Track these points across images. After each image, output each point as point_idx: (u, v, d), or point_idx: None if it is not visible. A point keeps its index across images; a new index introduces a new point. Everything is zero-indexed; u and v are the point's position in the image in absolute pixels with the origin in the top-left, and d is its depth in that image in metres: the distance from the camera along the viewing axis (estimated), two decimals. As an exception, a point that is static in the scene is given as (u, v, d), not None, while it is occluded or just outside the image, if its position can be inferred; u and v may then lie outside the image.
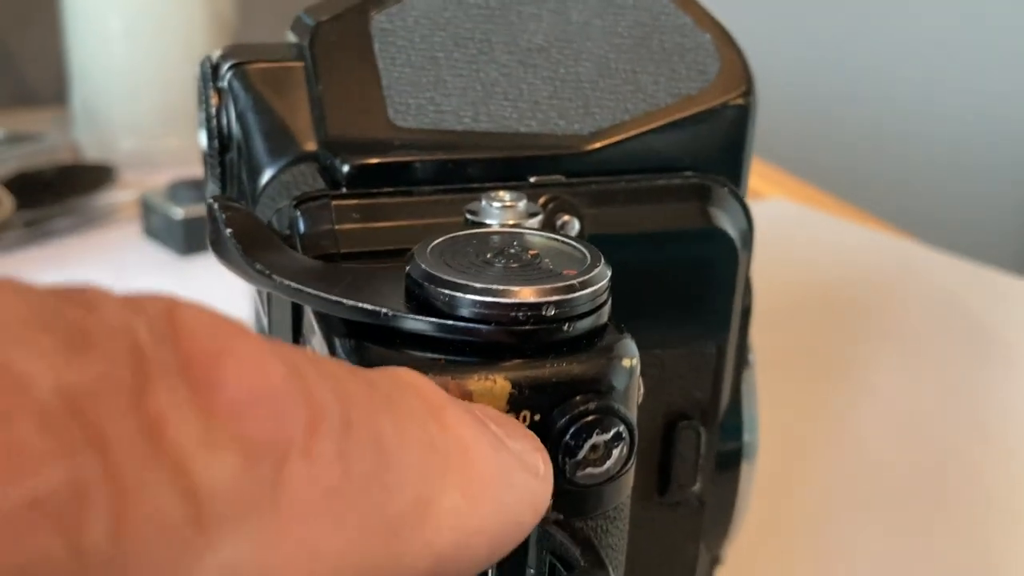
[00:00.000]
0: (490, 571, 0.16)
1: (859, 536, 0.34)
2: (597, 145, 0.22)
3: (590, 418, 0.15)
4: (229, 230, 0.18)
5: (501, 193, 0.19)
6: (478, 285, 0.16)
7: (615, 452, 0.16)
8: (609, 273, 0.17)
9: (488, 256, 0.17)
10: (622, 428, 0.16)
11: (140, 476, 0.09)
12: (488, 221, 0.19)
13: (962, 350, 0.48)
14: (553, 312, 0.16)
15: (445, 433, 0.13)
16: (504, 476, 0.13)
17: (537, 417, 0.15)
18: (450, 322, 0.16)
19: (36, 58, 0.76)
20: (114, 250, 0.52)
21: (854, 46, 1.11)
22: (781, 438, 0.36)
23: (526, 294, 0.16)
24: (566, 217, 0.21)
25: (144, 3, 0.63)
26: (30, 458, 0.09)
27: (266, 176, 0.22)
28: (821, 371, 0.45)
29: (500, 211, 0.19)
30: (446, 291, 0.16)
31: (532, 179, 0.22)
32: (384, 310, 0.16)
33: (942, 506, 0.36)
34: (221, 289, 0.48)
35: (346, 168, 0.21)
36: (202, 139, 0.24)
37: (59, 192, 0.54)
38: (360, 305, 0.16)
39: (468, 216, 0.19)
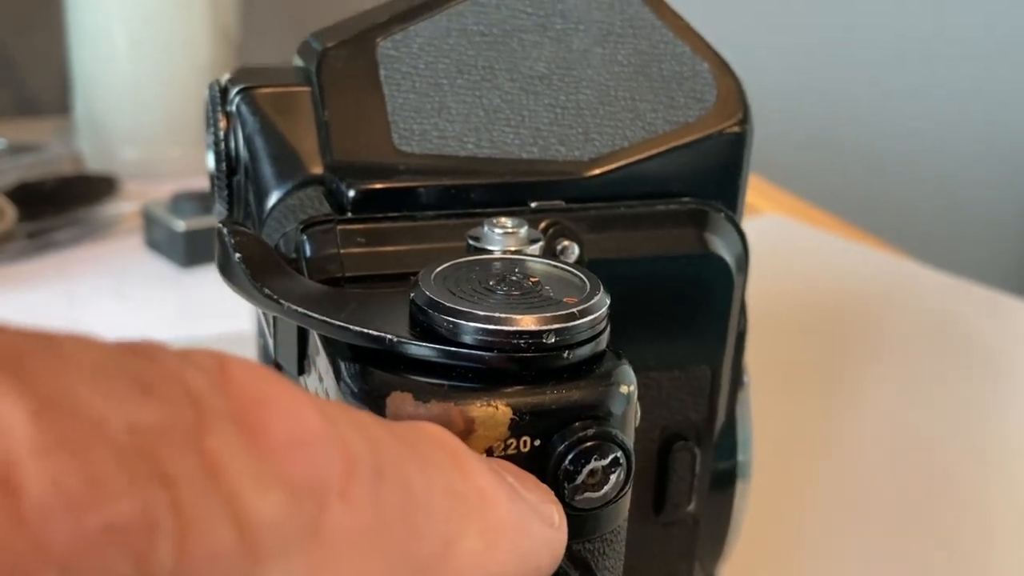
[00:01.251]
0: None
1: (852, 554, 0.35)
2: (597, 171, 0.23)
3: (589, 444, 0.16)
4: (238, 255, 0.18)
5: (503, 219, 0.20)
6: (481, 313, 0.16)
7: (612, 477, 0.16)
8: (608, 301, 0.17)
9: (490, 283, 0.17)
10: (620, 454, 0.16)
11: (201, 509, 0.10)
12: (490, 247, 0.19)
13: (955, 367, 0.48)
14: (554, 340, 0.16)
15: (466, 481, 0.14)
16: (521, 524, 0.14)
17: (537, 442, 0.16)
18: (453, 348, 0.16)
19: (38, 68, 0.77)
20: (116, 261, 0.53)
21: (849, 61, 1.11)
22: (773, 455, 0.37)
23: (527, 322, 0.16)
24: (566, 242, 0.22)
25: (148, 15, 0.63)
26: (107, 488, 0.10)
27: (272, 199, 0.22)
28: (813, 387, 0.46)
29: (502, 237, 0.19)
30: (449, 318, 0.16)
31: (533, 204, 0.22)
32: (389, 336, 0.16)
33: (936, 523, 0.37)
34: (221, 302, 0.48)
35: (352, 193, 0.21)
36: (210, 161, 0.24)
37: (61, 203, 0.54)
38: (366, 331, 0.16)
39: (470, 242, 0.20)
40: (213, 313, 0.48)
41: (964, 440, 0.42)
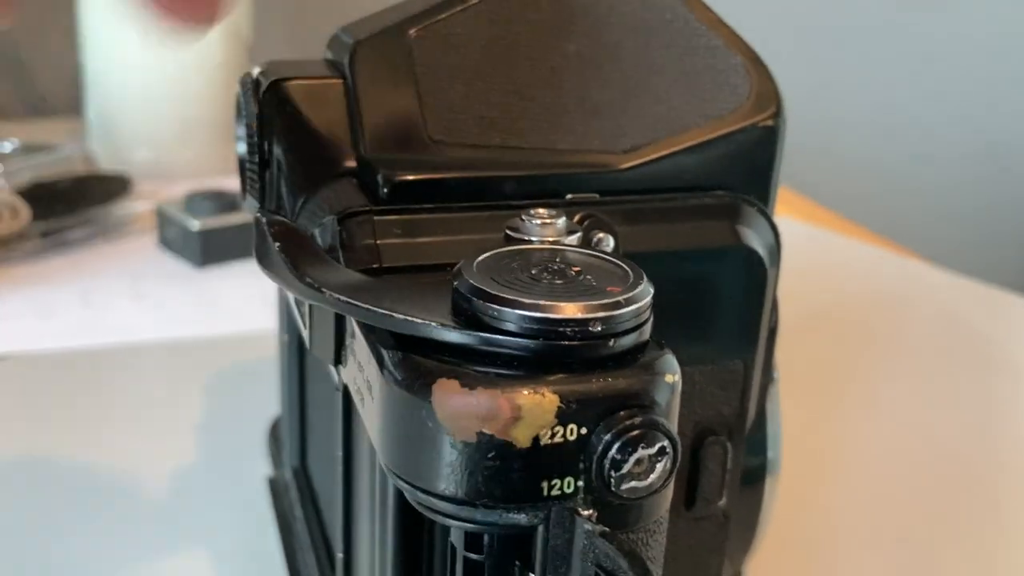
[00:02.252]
0: None
1: (873, 551, 0.35)
2: (630, 164, 0.23)
3: (635, 432, 0.16)
4: (277, 244, 0.18)
5: (540, 210, 0.20)
6: (527, 300, 0.16)
7: (659, 466, 0.16)
8: (652, 291, 0.17)
9: (533, 272, 0.17)
10: (666, 443, 0.16)
11: None
12: (528, 237, 0.19)
13: (968, 367, 0.48)
14: (600, 328, 0.16)
15: None
16: None
17: (584, 431, 0.16)
18: (500, 336, 0.16)
19: (50, 68, 0.77)
20: (130, 261, 0.53)
21: (860, 65, 1.11)
22: (791, 453, 0.37)
23: (573, 310, 0.16)
24: (601, 234, 0.22)
25: (160, 16, 0.63)
26: None
27: (307, 191, 0.22)
28: (827, 387, 0.45)
29: (540, 228, 0.19)
30: (495, 306, 0.16)
31: (568, 196, 0.22)
32: (435, 323, 0.16)
33: (956, 519, 0.37)
34: (236, 301, 0.48)
35: (387, 184, 0.21)
36: (241, 153, 0.24)
37: (75, 202, 0.54)
38: (410, 319, 0.16)
39: (508, 232, 0.19)
40: (229, 312, 0.48)
41: (980, 438, 0.42)
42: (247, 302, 0.48)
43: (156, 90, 0.64)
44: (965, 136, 1.15)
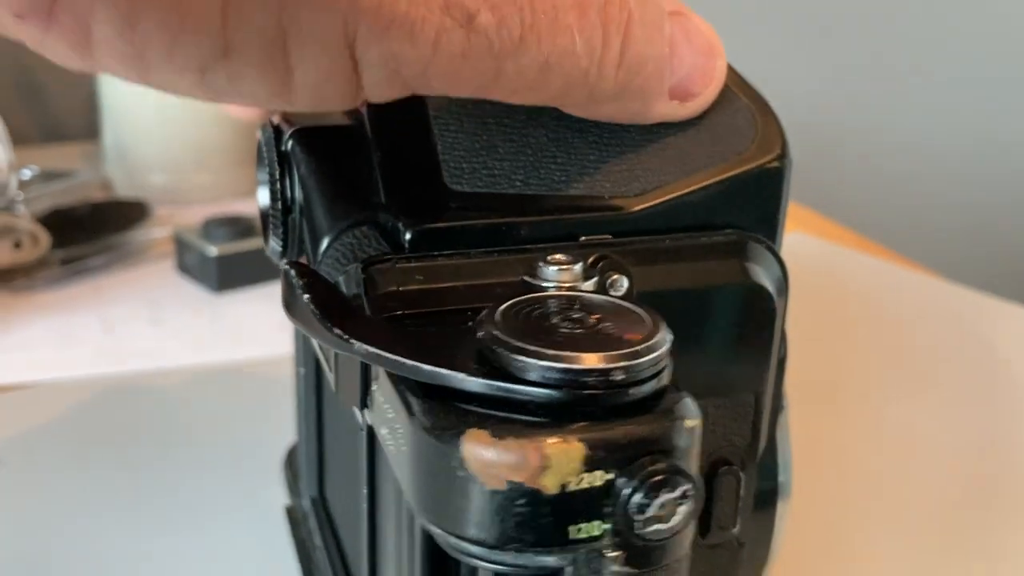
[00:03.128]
0: None
1: (885, 564, 0.35)
2: (642, 206, 0.23)
3: (659, 478, 0.17)
4: (307, 296, 0.19)
5: (558, 256, 0.20)
6: (550, 352, 0.17)
7: (681, 509, 0.17)
8: (671, 337, 0.18)
9: (554, 320, 0.18)
10: (689, 487, 0.17)
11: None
12: (546, 283, 0.20)
13: (981, 382, 0.49)
14: (621, 377, 0.17)
15: None
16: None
17: (609, 476, 0.17)
18: (523, 387, 0.17)
19: (65, 93, 0.78)
20: (148, 286, 0.54)
21: (868, 81, 1.12)
22: (801, 471, 0.37)
23: (595, 360, 0.17)
24: (615, 275, 0.22)
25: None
26: None
27: (328, 238, 0.23)
28: (838, 402, 0.46)
29: (557, 273, 0.20)
30: (520, 357, 0.17)
31: (582, 239, 0.23)
32: (461, 375, 0.17)
33: (970, 536, 0.37)
34: (255, 326, 0.49)
35: (409, 232, 0.22)
36: (263, 198, 0.25)
37: (94, 229, 0.55)
38: (439, 370, 0.17)
39: (526, 279, 0.20)
40: (247, 337, 0.49)
41: (992, 453, 0.43)
42: (264, 327, 0.49)
43: (172, 114, 0.65)
44: (970, 147, 1.16)
